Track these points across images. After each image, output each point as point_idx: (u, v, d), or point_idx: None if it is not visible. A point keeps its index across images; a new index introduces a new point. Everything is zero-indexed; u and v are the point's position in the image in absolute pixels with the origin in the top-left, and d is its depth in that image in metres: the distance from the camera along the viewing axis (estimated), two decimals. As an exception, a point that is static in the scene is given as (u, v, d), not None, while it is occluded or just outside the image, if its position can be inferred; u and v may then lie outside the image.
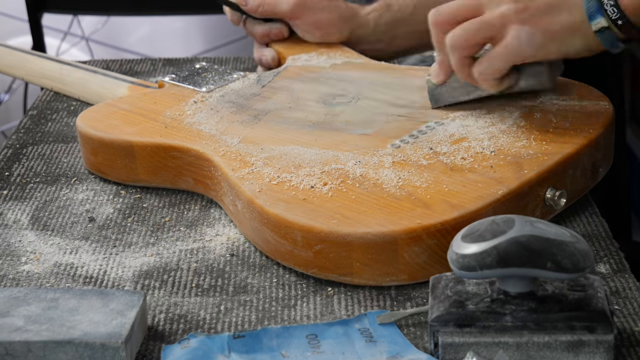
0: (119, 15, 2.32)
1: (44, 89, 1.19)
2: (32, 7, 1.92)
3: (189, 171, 0.90)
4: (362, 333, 0.70)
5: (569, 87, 0.95)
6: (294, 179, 0.82)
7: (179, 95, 1.00)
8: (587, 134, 0.86)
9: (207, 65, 1.08)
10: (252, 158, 0.86)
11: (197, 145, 0.90)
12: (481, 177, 0.80)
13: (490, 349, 0.65)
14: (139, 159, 0.92)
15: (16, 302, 0.70)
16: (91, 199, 0.93)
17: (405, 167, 0.82)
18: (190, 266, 0.81)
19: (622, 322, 0.71)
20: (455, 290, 0.68)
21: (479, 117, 0.90)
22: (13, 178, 0.97)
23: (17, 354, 0.66)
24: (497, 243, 0.64)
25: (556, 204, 0.82)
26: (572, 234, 0.65)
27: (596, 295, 0.66)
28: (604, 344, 0.65)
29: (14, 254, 0.84)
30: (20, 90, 2.45)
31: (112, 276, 0.80)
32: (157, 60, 1.28)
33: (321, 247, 0.76)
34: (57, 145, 1.04)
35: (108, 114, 0.97)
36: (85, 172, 0.98)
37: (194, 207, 0.90)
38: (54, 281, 0.80)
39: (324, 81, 1.02)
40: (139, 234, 0.86)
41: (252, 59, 1.27)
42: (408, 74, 1.02)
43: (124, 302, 0.70)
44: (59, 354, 0.66)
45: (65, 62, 1.18)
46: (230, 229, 0.86)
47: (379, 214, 0.76)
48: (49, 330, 0.67)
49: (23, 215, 0.90)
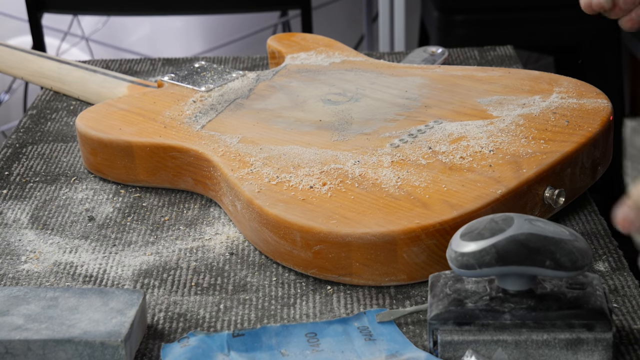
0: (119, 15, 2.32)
1: (43, 89, 1.19)
2: (32, 7, 1.92)
3: (189, 171, 0.91)
4: (361, 331, 0.70)
5: (567, 85, 0.95)
6: (293, 179, 0.82)
7: (178, 95, 1.01)
8: (585, 133, 0.86)
9: (207, 64, 1.08)
10: (251, 158, 0.86)
11: (196, 145, 0.90)
12: (480, 176, 0.80)
13: (489, 347, 0.65)
14: (138, 159, 0.92)
15: (16, 301, 0.70)
16: (91, 198, 0.93)
17: (404, 166, 0.82)
18: (190, 265, 0.81)
19: (621, 320, 0.71)
20: (455, 289, 0.68)
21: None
22: (13, 177, 0.97)
23: (17, 352, 0.66)
24: (496, 241, 0.64)
25: (555, 203, 0.82)
26: (571, 232, 0.66)
27: (595, 293, 0.66)
28: (602, 342, 0.65)
29: (14, 253, 0.84)
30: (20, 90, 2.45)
31: (112, 275, 0.80)
32: (156, 60, 1.28)
33: (320, 248, 0.76)
34: (56, 144, 1.04)
35: (107, 114, 0.97)
36: (84, 171, 0.98)
37: (193, 206, 0.90)
38: (54, 280, 0.80)
39: (323, 80, 1.02)
40: (139, 233, 0.86)
41: (251, 58, 1.27)
42: (407, 72, 1.02)
43: (123, 300, 0.70)
44: (58, 352, 0.66)
45: (65, 62, 1.18)
46: (229, 228, 0.86)
47: (378, 214, 0.76)
48: (49, 328, 0.67)
49: (23, 214, 0.90)
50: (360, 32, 2.59)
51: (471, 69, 1.03)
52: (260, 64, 1.25)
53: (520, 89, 0.96)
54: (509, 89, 0.96)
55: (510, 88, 0.96)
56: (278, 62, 1.12)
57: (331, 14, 2.60)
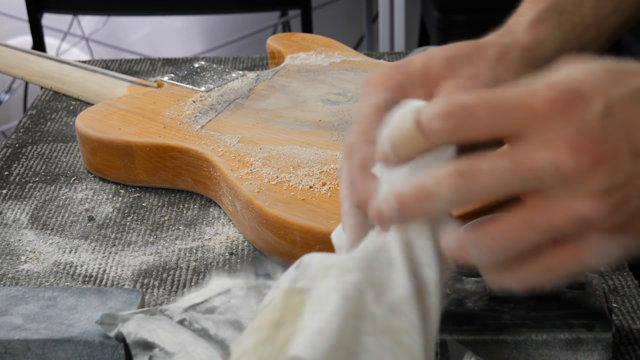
0: (119, 15, 2.32)
1: (43, 89, 1.19)
2: (32, 7, 1.93)
3: (188, 171, 0.91)
4: None
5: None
6: (292, 179, 0.82)
7: (178, 95, 1.01)
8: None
9: (206, 64, 1.08)
10: (251, 158, 0.86)
11: (196, 145, 0.90)
12: (480, 175, 0.80)
13: (488, 347, 0.65)
14: (138, 159, 0.92)
15: (14, 300, 0.70)
16: (90, 198, 0.93)
17: (404, 166, 0.82)
18: (190, 265, 0.81)
19: (621, 320, 0.71)
20: (454, 289, 0.68)
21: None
22: (12, 177, 0.97)
23: (16, 352, 0.66)
24: (496, 241, 0.64)
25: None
26: (570, 232, 0.65)
27: (594, 293, 0.66)
28: (602, 342, 0.65)
29: (14, 253, 0.84)
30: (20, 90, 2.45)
31: (112, 275, 0.80)
32: (156, 60, 1.28)
33: (320, 248, 0.76)
34: (56, 144, 1.04)
35: (107, 114, 0.97)
36: (84, 171, 0.98)
37: (193, 206, 0.90)
38: (54, 280, 0.80)
39: (323, 80, 1.02)
40: (138, 233, 0.86)
41: (251, 58, 1.27)
42: (407, 73, 1.02)
43: (122, 300, 0.70)
44: (57, 352, 0.66)
45: (65, 62, 1.18)
46: (229, 228, 0.86)
47: (377, 213, 0.76)
48: (48, 328, 0.67)
49: (22, 214, 0.90)
50: (360, 32, 2.59)
51: (471, 69, 1.02)
52: (260, 64, 1.25)
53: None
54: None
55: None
56: (278, 62, 1.12)
57: (331, 14, 2.60)
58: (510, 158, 0.49)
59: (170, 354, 0.63)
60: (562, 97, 0.48)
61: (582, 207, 0.48)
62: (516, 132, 0.49)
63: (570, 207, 0.49)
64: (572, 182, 0.48)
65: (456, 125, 0.50)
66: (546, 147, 0.48)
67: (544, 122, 0.48)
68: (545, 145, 0.48)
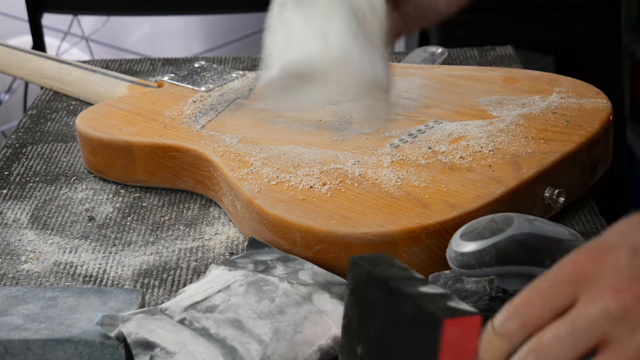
0: (119, 15, 2.32)
1: (43, 89, 1.19)
2: (32, 7, 1.92)
3: (188, 171, 0.91)
4: None
5: (567, 85, 0.95)
6: (293, 179, 0.82)
7: (178, 95, 1.01)
8: (585, 132, 0.86)
9: (206, 64, 1.08)
10: (251, 158, 0.86)
11: (196, 145, 0.90)
12: (480, 176, 0.80)
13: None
14: (138, 159, 0.92)
15: (15, 300, 0.70)
16: (90, 198, 0.93)
17: (404, 166, 0.82)
18: (190, 265, 0.81)
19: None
20: (454, 289, 0.68)
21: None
22: (12, 177, 0.97)
23: (16, 352, 0.66)
24: (496, 241, 0.64)
25: (555, 203, 0.82)
26: (570, 232, 0.65)
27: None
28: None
29: (14, 253, 0.84)
30: (20, 90, 2.45)
31: (112, 275, 0.80)
32: (156, 60, 1.28)
33: (320, 248, 0.76)
34: (56, 144, 1.04)
35: (107, 114, 0.97)
36: (84, 171, 0.98)
37: (193, 206, 0.90)
38: (54, 280, 0.80)
39: (323, 80, 1.02)
40: (139, 232, 0.86)
41: (251, 58, 1.27)
42: (407, 72, 1.02)
43: (122, 300, 0.70)
44: (58, 352, 0.66)
45: (65, 62, 1.18)
46: (229, 228, 0.86)
47: (377, 214, 0.76)
48: (48, 328, 0.67)
49: (23, 214, 0.90)
50: (360, 32, 2.58)
51: (471, 69, 1.03)
52: (260, 64, 1.25)
53: (520, 89, 0.95)
54: (508, 89, 0.96)
55: (510, 88, 0.96)
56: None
57: (331, 14, 2.59)
58: (566, 321, 0.53)
59: (171, 353, 0.63)
60: (595, 253, 0.54)
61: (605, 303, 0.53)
62: (571, 299, 0.53)
63: (637, 340, 0.53)
64: (626, 320, 0.52)
65: (522, 321, 0.53)
66: (594, 299, 0.52)
67: (590, 281, 0.53)
68: (593, 298, 0.52)
